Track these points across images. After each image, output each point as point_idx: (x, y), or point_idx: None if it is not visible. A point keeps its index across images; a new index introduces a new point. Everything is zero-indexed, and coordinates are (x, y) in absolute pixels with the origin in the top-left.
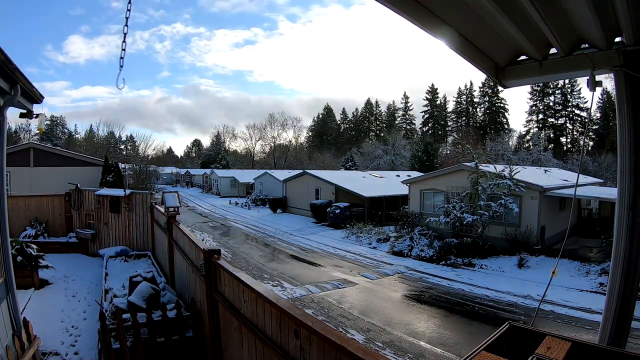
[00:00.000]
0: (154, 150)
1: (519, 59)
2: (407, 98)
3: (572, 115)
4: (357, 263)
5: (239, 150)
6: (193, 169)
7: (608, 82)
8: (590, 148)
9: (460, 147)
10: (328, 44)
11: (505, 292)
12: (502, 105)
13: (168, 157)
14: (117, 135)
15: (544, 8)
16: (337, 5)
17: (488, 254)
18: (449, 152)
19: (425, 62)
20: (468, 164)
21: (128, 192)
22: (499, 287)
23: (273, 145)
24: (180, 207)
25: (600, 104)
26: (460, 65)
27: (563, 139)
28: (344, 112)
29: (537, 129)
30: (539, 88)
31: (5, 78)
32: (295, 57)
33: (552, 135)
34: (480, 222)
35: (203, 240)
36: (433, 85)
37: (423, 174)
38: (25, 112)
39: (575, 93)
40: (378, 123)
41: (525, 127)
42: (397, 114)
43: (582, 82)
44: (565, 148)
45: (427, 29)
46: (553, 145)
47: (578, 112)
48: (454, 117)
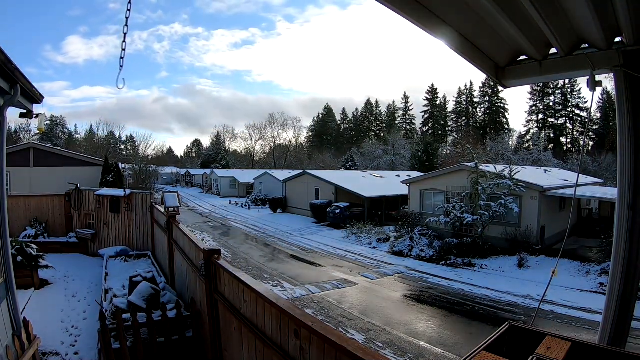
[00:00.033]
0: (154, 150)
1: (519, 59)
2: (407, 98)
3: (572, 115)
4: (357, 263)
5: (239, 150)
6: (193, 169)
7: (608, 82)
8: (590, 148)
9: (460, 147)
10: (327, 44)
11: (505, 292)
12: (502, 105)
13: (168, 157)
14: (117, 135)
15: (544, 8)
16: (333, 6)
17: (488, 254)
18: (449, 152)
19: (425, 62)
20: (468, 164)
21: (128, 192)
22: (499, 287)
23: (273, 145)
24: (180, 207)
25: (600, 104)
26: (460, 65)
27: (563, 139)
28: (344, 112)
29: (537, 129)
30: (539, 88)
31: (5, 78)
32: (294, 57)
33: (552, 135)
34: (480, 222)
35: (203, 240)
36: (433, 85)
37: (423, 174)
38: (25, 112)
39: (575, 93)
40: (378, 123)
41: (525, 127)
42: (397, 114)
43: (582, 82)
44: (565, 148)
45: (427, 29)
46: (553, 145)
47: (578, 112)
48: (454, 117)
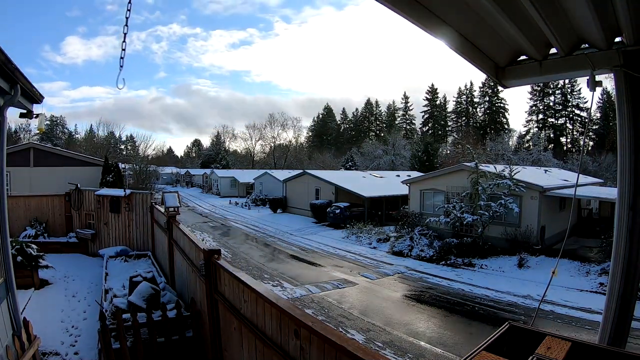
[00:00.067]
0: (154, 151)
1: (519, 59)
2: (407, 98)
3: (572, 115)
4: (357, 263)
5: (239, 150)
6: (193, 169)
7: (608, 82)
8: (590, 148)
9: (460, 147)
10: (325, 45)
11: (505, 292)
12: (502, 105)
13: (168, 157)
14: (117, 135)
15: (544, 8)
16: (329, 7)
17: (488, 254)
18: (449, 152)
19: (425, 62)
20: (468, 164)
21: (128, 192)
22: (499, 287)
23: (273, 146)
24: (180, 207)
25: (600, 104)
26: (460, 65)
27: (563, 139)
28: (344, 112)
29: (537, 129)
30: (539, 88)
31: (5, 78)
32: (292, 57)
33: (552, 135)
34: (480, 222)
35: (203, 240)
36: (433, 85)
37: (423, 174)
38: (25, 112)
39: (575, 93)
40: (378, 123)
41: (525, 127)
42: (397, 114)
43: (582, 82)
44: (565, 148)
45: (427, 29)
46: (553, 145)
47: (578, 112)
48: (454, 117)
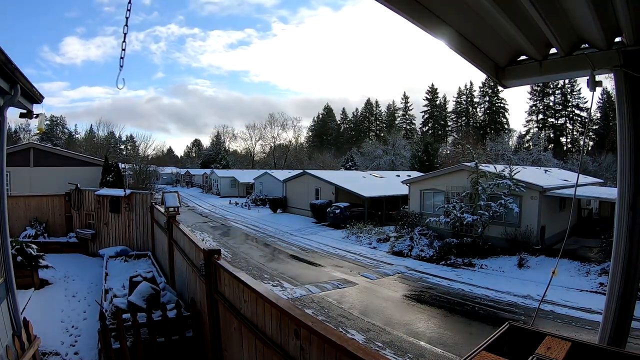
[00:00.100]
0: (154, 151)
1: (519, 59)
2: (407, 98)
3: (572, 115)
4: (357, 263)
5: (239, 150)
6: (193, 169)
7: (608, 82)
8: (590, 148)
9: (460, 147)
10: (323, 45)
11: (505, 292)
12: (502, 105)
13: (168, 157)
14: (117, 135)
15: (544, 8)
16: (326, 7)
17: (488, 254)
18: (449, 152)
19: (425, 62)
20: (468, 164)
21: (128, 192)
22: (499, 287)
23: (273, 146)
24: (180, 207)
25: (600, 104)
26: (460, 65)
27: (563, 139)
28: (344, 112)
29: (537, 129)
30: (539, 88)
31: (5, 78)
32: (291, 57)
33: (552, 135)
34: (480, 222)
35: (203, 240)
36: (433, 85)
37: (423, 174)
38: (25, 112)
39: (575, 93)
40: (378, 123)
41: (525, 127)
42: (397, 114)
43: (582, 82)
44: (565, 148)
45: (427, 29)
46: (553, 145)
47: (578, 112)
48: (454, 117)
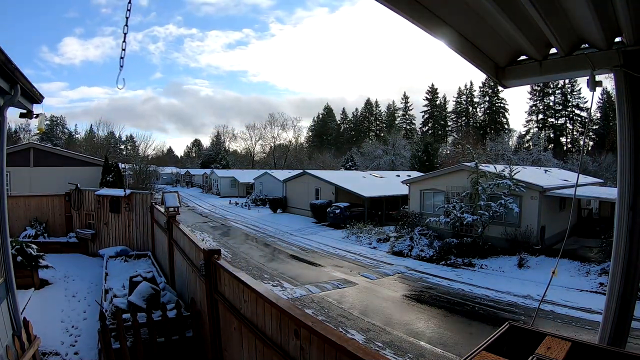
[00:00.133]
0: (154, 150)
1: (519, 59)
2: (407, 98)
3: (572, 115)
4: (357, 263)
5: (239, 150)
6: (193, 169)
7: (608, 82)
8: (590, 148)
9: (460, 147)
10: (322, 45)
11: (505, 292)
12: (502, 105)
13: (168, 157)
14: (117, 135)
15: (544, 8)
16: (323, 8)
17: (488, 254)
18: (449, 152)
19: (425, 62)
20: (468, 164)
21: (128, 192)
22: (499, 287)
23: (273, 146)
24: (180, 207)
25: (600, 104)
26: (460, 65)
27: (563, 139)
28: (344, 112)
29: (537, 129)
30: (539, 88)
31: (5, 78)
32: (289, 57)
33: (552, 135)
34: (480, 222)
35: (203, 240)
36: (433, 85)
37: (423, 174)
38: (25, 112)
39: (575, 93)
40: (378, 123)
41: (525, 127)
42: (397, 114)
43: (582, 82)
44: (565, 148)
45: (427, 29)
46: (553, 145)
47: (578, 112)
48: (454, 117)
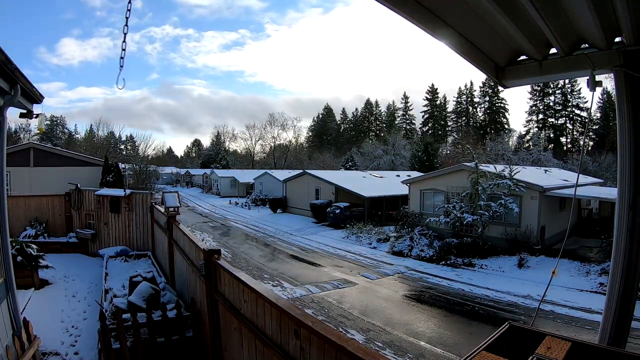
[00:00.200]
0: (154, 151)
1: (519, 59)
2: (406, 98)
3: (572, 115)
4: (357, 263)
5: (239, 150)
6: (193, 169)
7: (608, 82)
8: (590, 148)
9: (460, 147)
10: (320, 45)
11: (505, 292)
12: (502, 105)
13: (168, 157)
14: (117, 135)
15: (544, 8)
16: (317, 9)
17: (488, 254)
18: (449, 152)
19: (425, 62)
20: (468, 164)
21: (128, 192)
22: (499, 287)
23: (273, 146)
24: (180, 207)
25: (600, 104)
26: (460, 65)
27: (563, 139)
28: (344, 112)
29: (537, 129)
30: (539, 88)
31: (5, 78)
32: (286, 57)
33: (552, 135)
34: (480, 222)
35: (203, 240)
36: (433, 85)
37: (423, 174)
38: (25, 112)
39: (575, 93)
40: (378, 123)
41: (525, 127)
42: (397, 114)
43: (582, 82)
44: (565, 148)
45: (427, 30)
46: (553, 145)
47: (578, 112)
48: (454, 117)
